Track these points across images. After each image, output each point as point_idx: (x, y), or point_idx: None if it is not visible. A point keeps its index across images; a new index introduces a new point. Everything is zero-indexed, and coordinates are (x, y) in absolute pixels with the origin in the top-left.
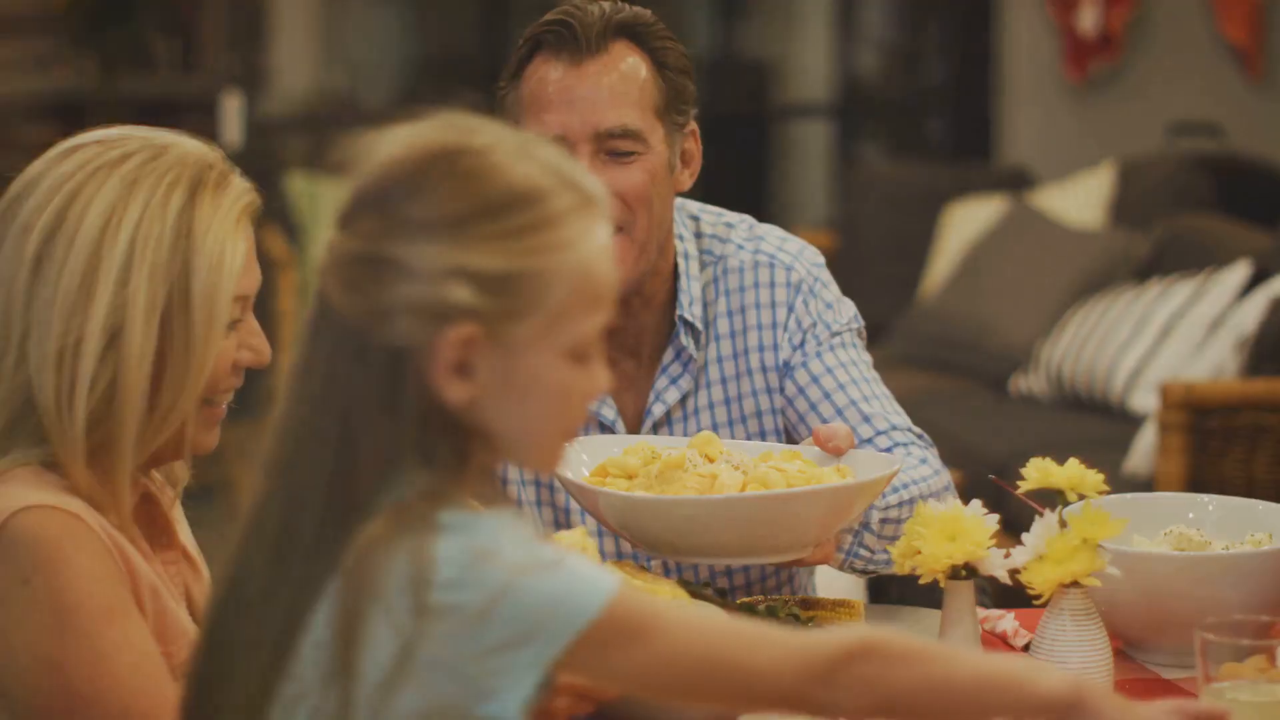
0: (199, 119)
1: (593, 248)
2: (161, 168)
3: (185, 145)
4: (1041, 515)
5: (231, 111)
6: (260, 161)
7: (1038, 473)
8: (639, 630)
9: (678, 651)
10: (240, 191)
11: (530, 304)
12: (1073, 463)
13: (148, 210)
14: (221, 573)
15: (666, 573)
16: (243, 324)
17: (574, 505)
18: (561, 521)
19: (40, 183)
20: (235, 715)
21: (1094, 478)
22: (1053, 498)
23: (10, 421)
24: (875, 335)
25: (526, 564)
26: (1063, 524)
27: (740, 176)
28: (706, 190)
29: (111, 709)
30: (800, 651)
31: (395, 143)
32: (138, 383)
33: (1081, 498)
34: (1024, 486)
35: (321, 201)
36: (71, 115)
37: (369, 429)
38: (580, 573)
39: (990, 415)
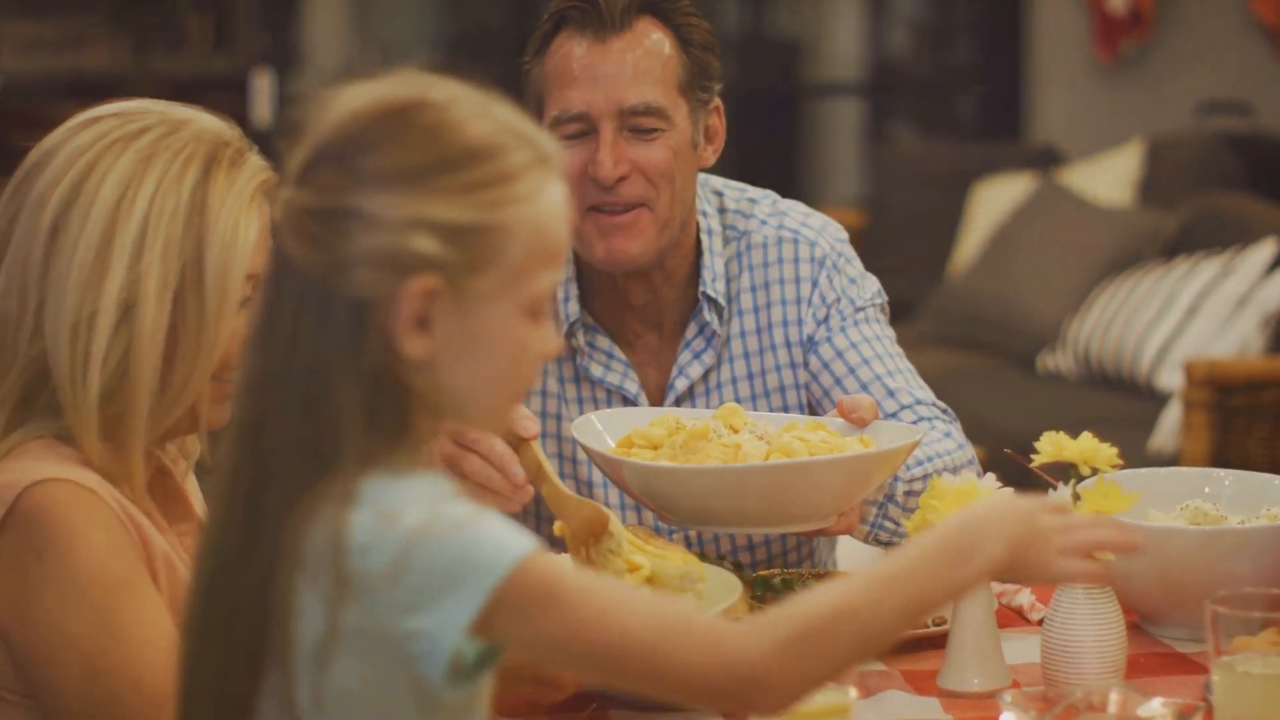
0: (231, 97)
1: (549, 204)
2: (177, 143)
3: (202, 121)
4: (1055, 488)
5: (262, 90)
6: (291, 140)
7: (1051, 446)
8: (550, 597)
9: (588, 625)
10: (255, 169)
11: (490, 257)
12: (1086, 436)
13: (162, 185)
14: (202, 541)
15: (689, 545)
16: (255, 301)
17: (597, 478)
18: (584, 494)
19: (57, 154)
20: (220, 694)
21: (1107, 452)
22: (1071, 472)
23: (26, 393)
24: (904, 313)
25: (431, 524)
26: (1076, 498)
27: (771, 155)
28: (738, 168)
29: (126, 681)
30: (724, 652)
31: (353, 99)
32: (150, 358)
33: (1095, 471)
34: (1037, 460)
35: None
36: (105, 93)
37: (335, 385)
38: (490, 534)
39: (1017, 393)
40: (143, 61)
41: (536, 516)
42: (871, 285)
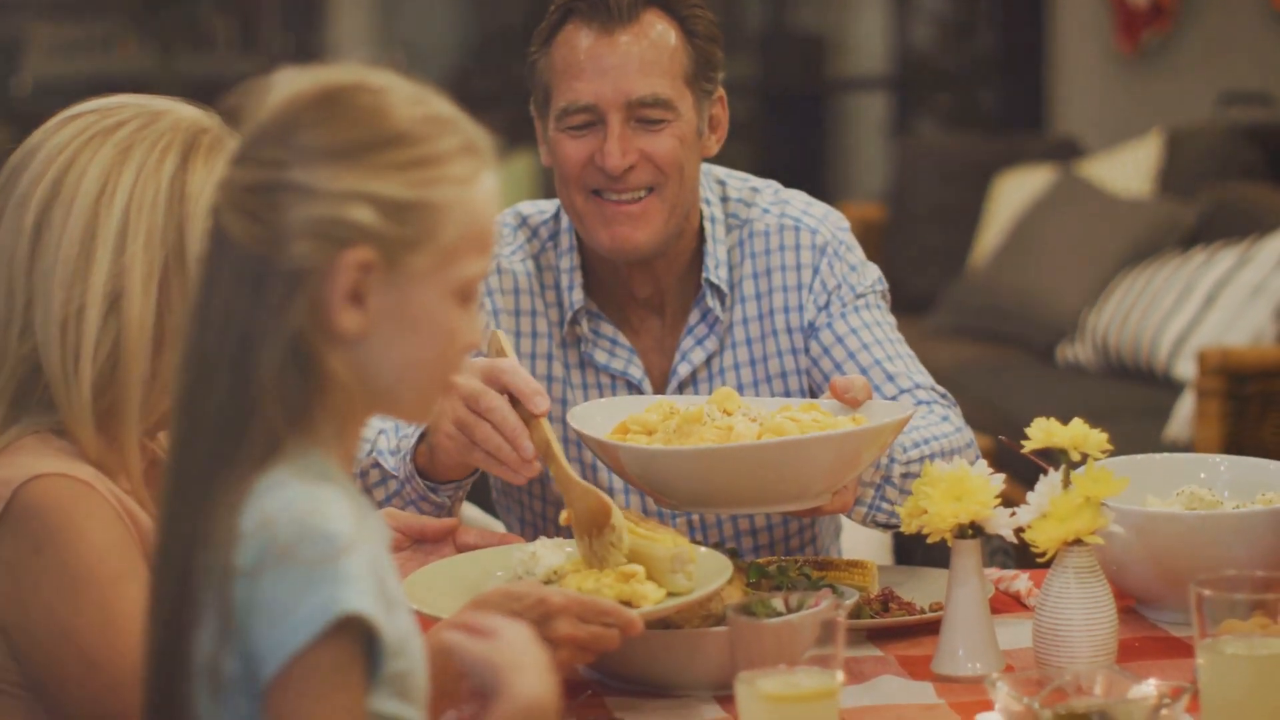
0: None
1: (482, 191)
2: (154, 134)
3: (180, 111)
4: (1046, 473)
5: None
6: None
7: (1041, 432)
8: (314, 700)
9: None
10: None
11: (425, 235)
12: (1076, 422)
13: (141, 175)
14: (155, 520)
15: (692, 531)
16: (193, 281)
17: (601, 466)
18: (588, 478)
19: (37, 153)
20: (175, 687)
21: (1097, 437)
22: (1061, 458)
23: (19, 390)
24: (925, 305)
25: (292, 549)
26: (1067, 483)
27: (796, 150)
28: (763, 163)
29: (125, 674)
30: None
31: (292, 83)
32: (140, 347)
33: (1085, 457)
34: (1028, 446)
35: None
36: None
37: (259, 356)
38: (336, 582)
39: (1037, 384)
40: (169, 63)
41: (543, 500)
42: (872, 273)
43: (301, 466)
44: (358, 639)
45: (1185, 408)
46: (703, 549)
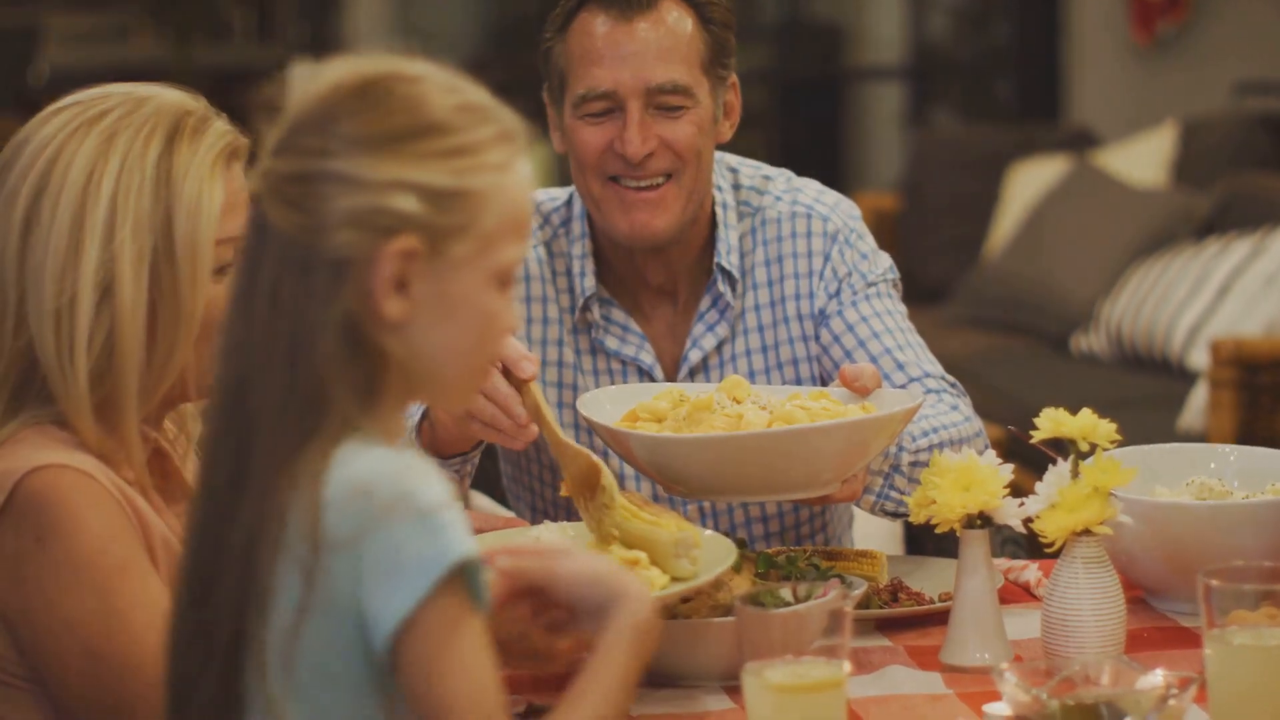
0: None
1: (519, 177)
2: (139, 120)
3: (165, 96)
4: (1055, 463)
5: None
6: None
7: (1050, 422)
8: (451, 636)
9: (443, 688)
10: (218, 135)
11: (466, 222)
12: (1085, 413)
13: (126, 162)
14: (191, 506)
15: (702, 519)
16: (234, 268)
17: (611, 453)
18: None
19: (25, 148)
20: (213, 663)
21: (1106, 427)
22: (1070, 448)
23: (18, 383)
24: (940, 295)
25: (396, 505)
26: (1075, 473)
27: (812, 139)
28: (781, 153)
29: (128, 664)
30: None
31: (330, 74)
32: (134, 334)
33: (1094, 447)
34: (1036, 436)
35: None
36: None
37: (317, 344)
38: (444, 531)
39: (1051, 374)
40: (186, 52)
41: (553, 488)
42: (884, 261)
43: (369, 436)
44: (469, 584)
45: (1199, 398)
46: (708, 533)
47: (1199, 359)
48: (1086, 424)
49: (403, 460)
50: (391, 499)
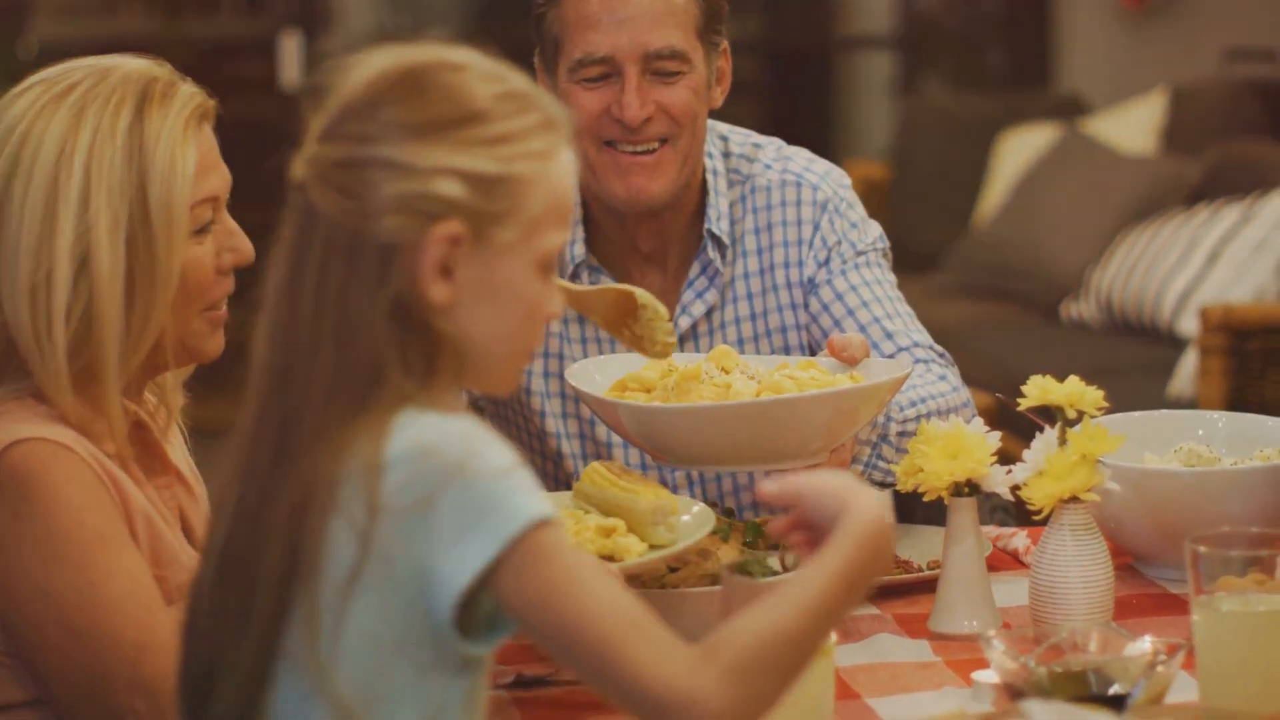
0: (262, 61)
1: (561, 165)
2: (106, 90)
3: (130, 65)
4: (1042, 430)
5: (290, 51)
6: (314, 102)
7: (1037, 389)
8: (544, 560)
9: (560, 594)
10: (187, 98)
11: (511, 208)
12: (1072, 380)
13: (98, 133)
14: (224, 488)
15: (691, 488)
16: (218, 226)
17: (599, 423)
18: (603, 455)
19: None
20: (250, 636)
21: (1093, 394)
22: (1057, 415)
23: None
24: (929, 263)
25: (467, 464)
26: (1063, 440)
27: (802, 108)
28: (770, 122)
29: (105, 637)
30: (668, 669)
31: (375, 62)
32: (113, 303)
33: (1081, 414)
34: (1024, 403)
35: None
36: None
37: (367, 326)
38: (520, 488)
39: (1041, 341)
40: (174, 25)
41: (556, 462)
42: (873, 230)
43: (425, 407)
44: (553, 539)
45: (1188, 365)
46: (686, 499)
47: (1188, 326)
48: (1074, 391)
49: (465, 423)
50: (461, 457)
